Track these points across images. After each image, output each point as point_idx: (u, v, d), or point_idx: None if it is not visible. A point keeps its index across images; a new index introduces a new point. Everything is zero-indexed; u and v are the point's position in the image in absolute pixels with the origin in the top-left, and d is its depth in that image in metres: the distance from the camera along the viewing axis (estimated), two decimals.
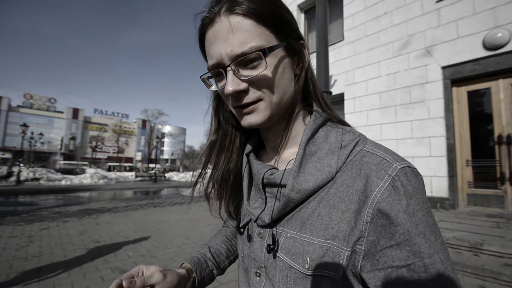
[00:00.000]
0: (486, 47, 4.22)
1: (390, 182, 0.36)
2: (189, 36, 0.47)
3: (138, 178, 27.00)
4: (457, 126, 4.69)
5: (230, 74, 0.41)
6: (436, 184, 4.67)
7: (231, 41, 0.39)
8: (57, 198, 10.83)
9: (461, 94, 4.73)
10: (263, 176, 0.47)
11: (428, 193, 4.69)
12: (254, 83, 0.41)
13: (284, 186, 0.44)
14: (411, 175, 0.37)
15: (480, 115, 4.60)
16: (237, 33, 0.39)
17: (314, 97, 0.50)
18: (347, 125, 0.49)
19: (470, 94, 4.66)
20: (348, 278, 0.38)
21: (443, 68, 4.73)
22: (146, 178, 27.69)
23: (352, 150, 0.42)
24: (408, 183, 0.36)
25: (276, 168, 0.48)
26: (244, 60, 0.40)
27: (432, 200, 4.64)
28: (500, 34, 4.05)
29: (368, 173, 0.38)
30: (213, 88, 0.47)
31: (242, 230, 0.52)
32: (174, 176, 31.02)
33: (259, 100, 0.42)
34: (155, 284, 0.48)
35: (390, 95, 5.42)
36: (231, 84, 0.40)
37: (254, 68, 0.41)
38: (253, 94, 0.42)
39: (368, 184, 0.37)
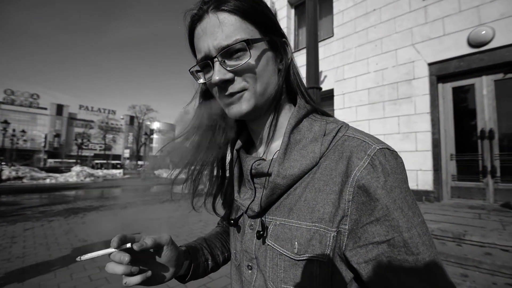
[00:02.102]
0: (471, 44, 4.34)
1: (369, 161, 0.37)
2: (179, 30, 0.50)
3: (126, 176, 26.52)
4: (442, 121, 4.83)
5: (216, 64, 0.43)
6: (421, 177, 4.80)
7: (217, 35, 0.42)
8: (42, 197, 10.49)
9: (446, 90, 4.86)
10: (251, 167, 0.49)
11: (414, 186, 4.82)
12: (239, 73, 0.44)
13: (271, 174, 0.45)
14: (390, 156, 0.38)
15: (464, 110, 4.74)
16: (223, 28, 0.42)
17: (298, 92, 0.51)
18: (331, 116, 0.51)
19: (455, 90, 4.80)
20: (336, 261, 0.39)
21: (430, 64, 4.83)
22: (135, 175, 27.23)
23: (334, 136, 0.43)
24: (386, 162, 0.37)
25: (263, 159, 0.50)
26: (229, 51, 0.43)
27: (418, 193, 4.77)
28: (484, 32, 4.16)
29: (349, 155, 0.40)
30: (201, 80, 0.49)
31: (232, 221, 0.53)
32: (164, 173, 30.64)
33: (244, 89, 0.44)
34: (164, 244, 0.49)
35: (379, 91, 5.51)
36: (218, 73, 0.43)
37: (238, 58, 0.43)
38: (238, 84, 0.44)
39: (349, 165, 0.39)
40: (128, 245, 0.43)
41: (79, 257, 0.43)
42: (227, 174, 0.61)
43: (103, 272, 3.08)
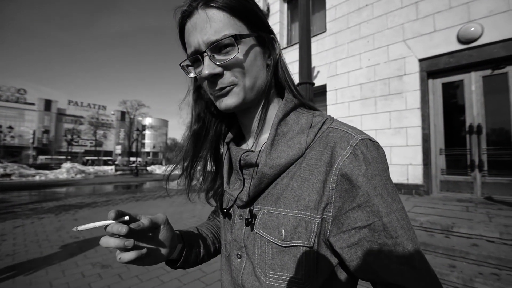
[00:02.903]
0: (460, 40, 4.41)
1: (351, 151, 0.40)
2: (170, 25, 0.51)
3: (118, 172, 26.19)
4: (432, 116, 4.92)
5: (206, 59, 0.45)
6: (412, 172, 4.90)
7: (207, 30, 0.44)
8: (31, 194, 10.29)
9: (436, 86, 4.94)
10: (240, 158, 0.51)
11: (404, 181, 4.92)
12: (228, 67, 0.45)
13: (259, 165, 0.46)
14: (371, 147, 0.41)
15: (454, 106, 4.83)
16: (212, 23, 0.43)
17: (286, 86, 0.53)
18: (318, 110, 0.53)
19: (445, 86, 4.88)
20: (321, 247, 0.41)
21: (420, 60, 4.90)
22: (127, 171, 26.91)
23: (320, 128, 0.46)
24: (367, 152, 0.40)
25: (252, 151, 0.52)
26: (218, 46, 0.44)
27: (408, 187, 4.88)
28: (473, 29, 4.23)
29: (333, 145, 0.42)
30: (192, 74, 0.50)
31: (225, 211, 0.54)
32: (157, 169, 30.40)
33: (233, 84, 0.46)
34: (160, 224, 0.49)
35: (370, 87, 5.56)
36: (207, 68, 0.44)
37: (227, 53, 0.45)
38: (227, 79, 0.46)
39: (333, 155, 0.41)
40: (126, 217, 0.42)
41: (75, 227, 0.43)
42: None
43: (96, 268, 3.06)
